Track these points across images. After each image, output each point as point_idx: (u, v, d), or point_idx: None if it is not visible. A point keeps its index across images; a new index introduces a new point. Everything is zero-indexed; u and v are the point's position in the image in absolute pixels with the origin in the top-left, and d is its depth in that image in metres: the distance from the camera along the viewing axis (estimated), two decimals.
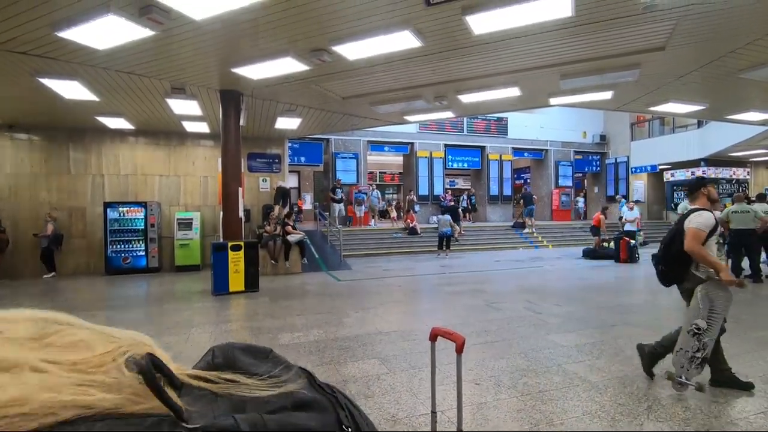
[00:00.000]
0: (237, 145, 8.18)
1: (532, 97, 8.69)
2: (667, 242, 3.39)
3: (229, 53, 5.95)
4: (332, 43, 5.46)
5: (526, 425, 2.72)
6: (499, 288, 7.80)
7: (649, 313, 5.83)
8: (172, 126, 10.29)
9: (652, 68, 6.80)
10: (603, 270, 9.95)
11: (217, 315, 6.09)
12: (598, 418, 2.80)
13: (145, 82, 6.93)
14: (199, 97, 7.87)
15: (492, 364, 3.80)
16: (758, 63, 6.48)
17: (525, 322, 5.28)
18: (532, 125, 19.58)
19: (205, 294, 7.60)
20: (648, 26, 5.27)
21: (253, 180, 12.16)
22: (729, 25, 5.30)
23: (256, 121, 10.07)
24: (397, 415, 2.88)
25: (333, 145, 16.50)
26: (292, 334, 4.88)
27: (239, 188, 8.22)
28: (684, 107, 9.52)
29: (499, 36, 5.36)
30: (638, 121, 19.93)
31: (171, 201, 11.41)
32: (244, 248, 7.73)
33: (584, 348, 4.22)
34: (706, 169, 17.54)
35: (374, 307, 6.32)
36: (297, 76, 6.69)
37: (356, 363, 3.91)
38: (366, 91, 7.93)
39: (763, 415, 2.84)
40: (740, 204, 8.19)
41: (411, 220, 15.33)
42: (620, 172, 20.54)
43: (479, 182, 19.61)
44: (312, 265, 10.39)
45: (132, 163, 11.06)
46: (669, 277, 3.44)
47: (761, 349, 4.09)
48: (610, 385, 3.33)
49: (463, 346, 1.83)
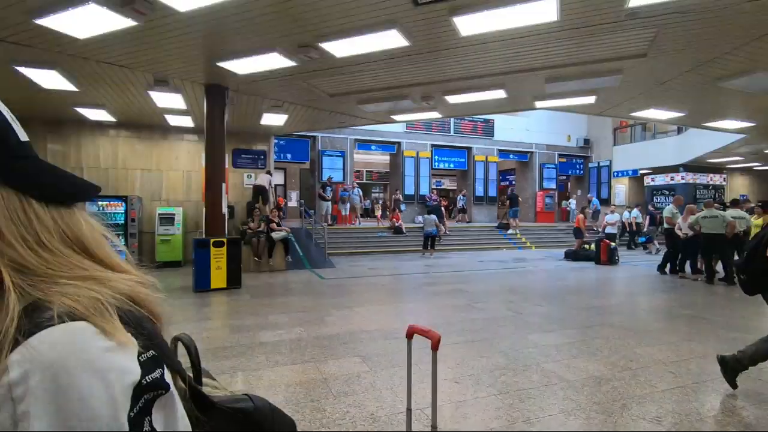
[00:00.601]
0: (221, 141, 8.07)
1: (518, 99, 8.79)
2: (751, 251, 3.25)
3: (214, 47, 5.87)
4: (320, 39, 5.43)
5: (504, 423, 2.75)
6: (482, 288, 7.87)
7: (627, 314, 5.95)
8: (154, 119, 10.09)
9: (634, 74, 6.95)
10: (583, 271, 10.13)
11: (197, 312, 6.00)
12: (574, 416, 2.85)
13: (127, 74, 6.78)
14: (183, 91, 7.74)
15: (472, 363, 3.83)
16: (735, 72, 6.67)
17: (506, 321, 5.34)
18: (518, 128, 19.82)
19: (186, 290, 7.48)
20: (630, 33, 5.38)
21: (238, 176, 12.02)
22: (708, 35, 5.44)
23: (241, 117, 9.96)
24: (377, 413, 2.89)
25: (320, 143, 16.42)
26: (273, 331, 4.85)
27: (223, 184, 8.12)
28: (664, 114, 9.75)
29: (485, 38, 5.41)
30: (621, 126, 20.34)
31: (153, 196, 11.20)
32: (227, 245, 7.64)
33: (563, 347, 4.29)
34: (685, 175, 18.03)
35: (357, 305, 6.31)
36: (284, 72, 6.64)
37: (337, 361, 3.90)
38: (353, 89, 7.91)
39: (730, 414, 2.93)
40: (710, 210, 8.48)
41: (396, 219, 15.36)
42: (603, 176, 20.95)
43: (465, 183, 19.76)
44: (296, 263, 10.32)
45: (113, 157, 10.82)
46: (753, 285, 3.31)
47: (733, 350, 4.21)
48: (586, 383, 3.40)
49: (438, 344, 1.84)
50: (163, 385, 0.45)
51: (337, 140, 16.68)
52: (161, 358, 0.47)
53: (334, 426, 2.71)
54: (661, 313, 6.14)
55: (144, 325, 0.48)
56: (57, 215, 0.48)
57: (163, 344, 0.50)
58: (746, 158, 16.56)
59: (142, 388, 0.43)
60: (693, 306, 6.42)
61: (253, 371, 3.65)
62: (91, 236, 0.50)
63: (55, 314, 0.41)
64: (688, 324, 5.31)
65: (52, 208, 0.47)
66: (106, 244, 0.53)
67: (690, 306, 6.41)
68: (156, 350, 0.46)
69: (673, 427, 2.71)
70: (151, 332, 0.48)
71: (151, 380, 0.44)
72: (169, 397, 0.46)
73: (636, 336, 4.73)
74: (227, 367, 3.73)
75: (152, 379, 0.44)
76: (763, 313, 6.06)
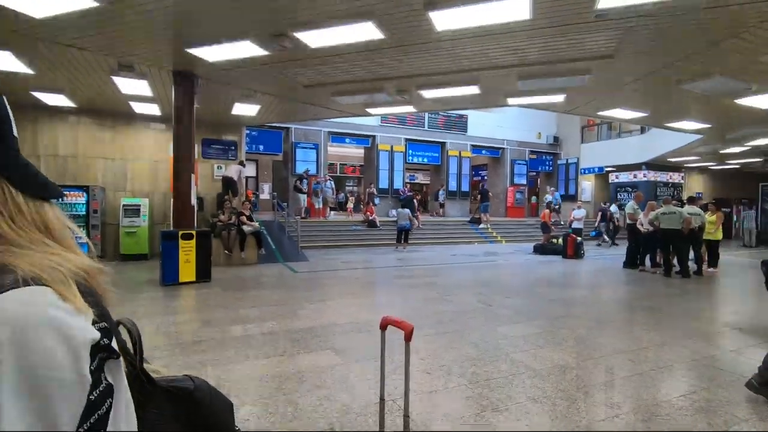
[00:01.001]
0: (190, 130, 7.82)
1: (491, 96, 8.92)
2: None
3: (183, 32, 5.66)
4: (294, 29, 5.33)
5: (473, 411, 2.83)
6: (454, 281, 8.01)
7: (591, 305, 6.20)
8: (119, 106, 9.66)
9: (601, 75, 7.18)
10: (551, 265, 10.46)
11: (165, 306, 5.83)
12: (540, 403, 2.95)
13: (89, 58, 6.45)
14: (150, 77, 7.44)
15: (443, 354, 3.91)
16: (694, 76, 7.00)
17: (476, 313, 5.46)
18: (491, 124, 20.15)
19: (153, 284, 7.25)
20: (599, 34, 5.55)
21: (208, 167, 11.70)
22: (669, 40, 5.69)
23: (211, 106, 9.67)
24: (350, 404, 2.90)
25: (293, 135, 16.18)
26: (244, 325, 4.77)
27: (192, 175, 7.88)
28: (629, 113, 10.14)
29: (460, 34, 5.46)
30: (588, 124, 21.02)
31: (117, 186, 10.75)
32: (197, 237, 7.44)
33: (530, 338, 4.43)
34: (647, 173, 18.85)
35: (330, 298, 6.30)
36: (257, 61, 6.48)
37: (310, 354, 3.89)
38: (328, 81, 7.82)
39: (683, 397, 3.11)
40: (668, 206, 8.95)
41: (370, 213, 15.37)
42: (571, 173, 21.63)
43: (438, 178, 19.96)
44: (268, 257, 10.18)
45: (73, 144, 10.29)
46: None
47: (686, 339, 4.47)
48: (552, 372, 3.52)
49: (411, 335, 1.87)
50: (113, 351, 0.50)
51: (311, 132, 16.48)
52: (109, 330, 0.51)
53: (306, 419, 2.70)
54: (622, 304, 6.43)
55: (97, 298, 0.53)
56: (30, 203, 0.54)
57: (111, 320, 0.54)
58: (703, 158, 17.46)
59: (98, 348, 0.47)
60: (651, 298, 6.75)
61: (224, 365, 3.59)
62: (55, 226, 0.56)
63: (20, 278, 0.46)
64: (646, 315, 5.59)
65: (27, 197, 0.54)
66: (69, 235, 0.59)
67: (648, 298, 6.74)
68: (107, 323, 0.51)
69: (632, 412, 2.86)
70: (102, 307, 0.53)
71: (104, 344, 0.49)
72: (118, 364, 0.51)
73: (599, 326, 4.94)
74: (196, 362, 3.66)
75: (105, 343, 0.49)
76: (714, 304, 6.45)
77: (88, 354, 0.46)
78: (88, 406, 0.44)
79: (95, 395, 0.45)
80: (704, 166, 20.01)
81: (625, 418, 2.76)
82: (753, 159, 17.11)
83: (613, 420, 2.74)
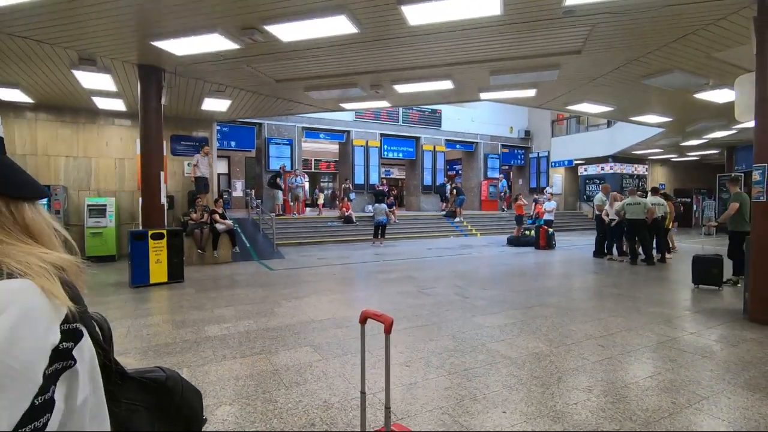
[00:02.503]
0: (158, 126, 7.57)
1: (464, 90, 9.02)
2: None
3: (147, 23, 5.45)
4: (265, 22, 5.23)
5: (452, 401, 2.88)
6: (431, 274, 8.09)
7: (563, 294, 6.40)
8: (80, 101, 9.25)
9: (569, 70, 7.38)
10: (524, 256, 10.72)
11: (135, 308, 5.65)
12: (516, 390, 3.04)
13: (46, 50, 6.13)
14: (114, 71, 7.14)
15: (422, 347, 3.96)
16: (656, 71, 7.30)
17: (454, 305, 5.54)
18: (464, 118, 20.39)
19: (122, 286, 7.01)
20: (567, 30, 5.69)
21: (177, 164, 11.36)
22: (633, 36, 5.90)
23: (180, 101, 9.38)
24: (330, 400, 2.90)
25: (266, 130, 15.90)
26: (219, 325, 4.69)
27: (161, 173, 7.64)
28: (596, 108, 10.47)
29: (433, 28, 5.49)
30: (558, 119, 21.58)
31: (80, 185, 10.31)
32: (167, 237, 7.23)
33: (506, 328, 4.54)
34: (614, 165, 19.53)
35: (307, 295, 6.26)
36: (226, 54, 6.32)
37: (288, 352, 3.86)
38: (301, 76, 7.72)
39: (650, 378, 3.27)
40: (633, 197, 9.34)
41: (346, 209, 15.31)
42: (542, 166, 22.17)
43: (413, 172, 20.06)
44: (243, 255, 10.00)
45: (31, 142, 9.79)
46: None
47: (652, 323, 4.69)
48: (527, 360, 3.63)
49: (391, 327, 1.88)
50: (71, 357, 0.50)
51: (284, 128, 16.23)
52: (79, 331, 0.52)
53: (287, 416, 2.69)
54: (592, 292, 6.66)
55: (75, 291, 0.55)
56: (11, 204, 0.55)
57: (87, 314, 0.57)
58: (665, 150, 18.24)
59: (57, 353, 0.48)
60: (619, 285, 7.03)
61: (200, 366, 3.52)
62: (35, 225, 0.57)
63: (4, 271, 0.48)
64: (614, 302, 5.82)
65: (7, 198, 0.55)
66: (51, 234, 0.60)
67: (616, 285, 7.02)
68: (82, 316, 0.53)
69: (602, 395, 2.98)
70: (80, 300, 0.55)
71: (63, 348, 0.49)
72: (74, 372, 0.51)
73: (570, 314, 5.11)
74: (171, 364, 3.57)
75: (64, 347, 0.49)
76: (676, 290, 6.78)
77: (47, 357, 0.46)
78: (30, 409, 0.44)
79: (38, 401, 0.45)
80: (666, 158, 20.92)
81: (596, 401, 2.88)
82: (711, 151, 18.00)
83: (585, 403, 2.85)
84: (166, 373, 0.73)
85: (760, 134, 4.77)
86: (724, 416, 2.69)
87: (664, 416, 2.67)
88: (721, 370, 3.43)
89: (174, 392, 0.71)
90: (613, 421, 2.61)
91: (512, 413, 2.72)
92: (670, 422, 2.60)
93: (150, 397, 0.68)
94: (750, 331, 4.47)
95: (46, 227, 0.59)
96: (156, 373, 0.72)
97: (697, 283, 6.65)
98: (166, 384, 0.71)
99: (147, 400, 0.68)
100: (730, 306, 5.55)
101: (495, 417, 2.68)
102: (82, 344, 0.52)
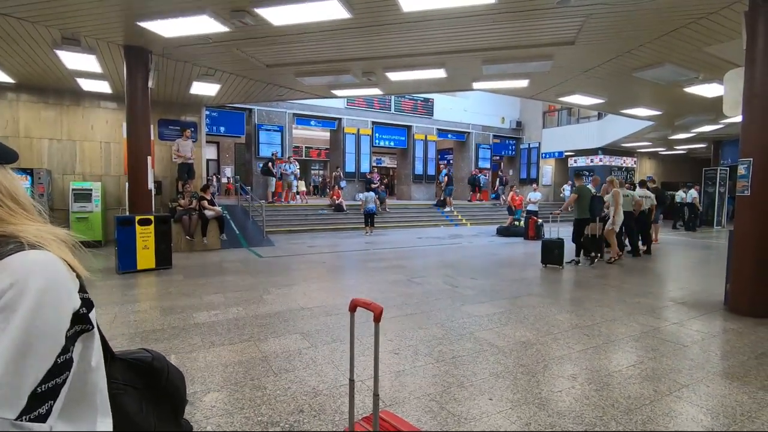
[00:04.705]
0: (145, 110, 7.41)
1: (457, 79, 8.98)
2: None
3: (133, 2, 5.29)
4: (255, 4, 5.11)
5: (440, 388, 2.92)
6: (420, 263, 8.13)
7: (549, 285, 6.49)
8: (64, 83, 9.00)
9: (562, 61, 7.37)
10: (513, 246, 10.83)
11: (122, 294, 5.60)
12: (502, 378, 3.09)
13: (28, 28, 5.93)
14: (98, 52, 6.95)
15: (411, 335, 3.99)
16: (647, 64, 7.33)
17: (443, 294, 5.59)
18: (456, 108, 20.32)
19: (109, 272, 6.93)
20: (561, 21, 5.67)
21: (165, 149, 11.16)
22: (626, 28, 5.90)
23: (168, 84, 9.19)
24: (318, 387, 2.92)
25: (256, 116, 15.68)
26: (208, 312, 4.67)
27: (149, 157, 7.51)
28: (587, 99, 10.51)
29: (427, 15, 5.42)
30: (549, 110, 21.63)
31: (65, 169, 10.10)
32: (155, 222, 7.14)
33: (494, 317, 4.60)
34: (603, 157, 19.69)
35: (297, 283, 6.25)
36: (216, 37, 6.18)
37: (277, 339, 3.86)
38: (292, 61, 7.59)
39: (633, 367, 3.34)
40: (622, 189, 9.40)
41: (337, 197, 15.25)
42: (532, 157, 22.28)
43: (405, 161, 20.01)
44: (232, 242, 9.93)
45: (12, 124, 9.53)
46: None
47: (636, 313, 4.78)
48: (514, 348, 3.68)
49: (380, 316, 1.89)
50: (89, 321, 0.56)
51: (275, 114, 16.02)
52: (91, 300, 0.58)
53: (275, 402, 2.70)
54: (578, 282, 6.76)
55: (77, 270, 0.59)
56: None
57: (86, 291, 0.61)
58: (654, 143, 18.44)
59: (78, 317, 0.54)
60: (604, 276, 7.14)
61: (188, 353, 3.51)
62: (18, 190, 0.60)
63: (25, 243, 0.53)
64: (600, 292, 5.92)
65: None
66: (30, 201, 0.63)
67: (602, 276, 7.13)
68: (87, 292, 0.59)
69: (586, 382, 3.04)
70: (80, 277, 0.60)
71: (82, 313, 0.55)
72: (90, 335, 0.56)
73: (557, 304, 5.19)
74: (159, 350, 3.52)
75: (83, 312, 0.55)
76: (660, 281, 6.91)
77: (68, 319, 0.53)
78: (53, 367, 0.50)
79: (60, 360, 0.50)
80: (655, 151, 21.16)
81: (580, 389, 2.94)
82: (698, 145, 18.24)
83: (569, 390, 2.91)
84: (152, 354, 0.77)
85: (747, 129, 4.83)
86: (703, 403, 2.77)
87: (645, 403, 2.74)
88: (701, 360, 3.52)
89: (161, 373, 0.75)
90: (596, 408, 2.67)
91: (498, 400, 2.77)
92: (651, 409, 2.67)
93: (138, 378, 0.71)
94: (730, 321, 4.59)
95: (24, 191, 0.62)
96: (142, 354, 0.76)
97: (545, 263, 7.58)
98: (152, 365, 0.75)
99: (135, 381, 0.71)
100: (710, 297, 5.68)
101: (481, 404, 2.72)
102: (94, 312, 0.58)
